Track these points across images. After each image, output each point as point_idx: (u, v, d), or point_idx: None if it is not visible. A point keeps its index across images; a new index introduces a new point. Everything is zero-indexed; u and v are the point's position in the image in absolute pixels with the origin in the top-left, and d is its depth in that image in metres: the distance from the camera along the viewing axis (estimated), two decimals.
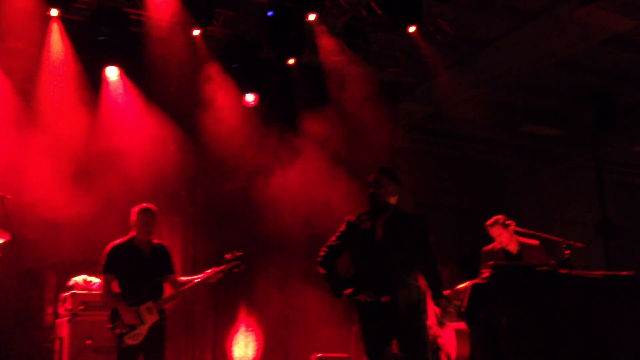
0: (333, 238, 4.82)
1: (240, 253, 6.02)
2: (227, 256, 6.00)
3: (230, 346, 8.74)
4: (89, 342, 6.46)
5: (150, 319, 5.63)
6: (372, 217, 4.69)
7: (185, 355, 8.27)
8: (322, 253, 4.80)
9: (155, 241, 5.96)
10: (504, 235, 6.72)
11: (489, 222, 6.84)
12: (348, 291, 4.60)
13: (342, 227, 4.81)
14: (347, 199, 9.10)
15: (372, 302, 4.49)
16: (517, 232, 6.81)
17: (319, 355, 8.16)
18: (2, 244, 6.46)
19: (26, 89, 7.80)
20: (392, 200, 4.71)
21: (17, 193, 6.92)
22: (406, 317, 4.47)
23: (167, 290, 5.89)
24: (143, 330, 5.59)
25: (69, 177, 7.77)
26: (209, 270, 5.93)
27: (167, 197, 8.37)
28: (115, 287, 5.81)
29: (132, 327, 5.56)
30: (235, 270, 5.98)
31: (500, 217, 6.82)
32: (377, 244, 4.59)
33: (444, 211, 11.81)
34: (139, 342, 5.57)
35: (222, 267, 5.93)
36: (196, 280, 5.88)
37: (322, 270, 4.76)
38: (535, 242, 6.76)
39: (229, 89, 8.83)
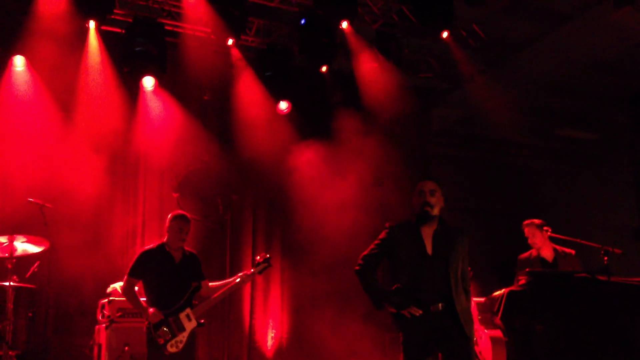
0: (372, 246, 4.59)
1: (268, 255, 6.16)
2: (257, 259, 6.15)
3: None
4: (126, 348, 6.55)
5: (190, 325, 5.70)
6: (418, 228, 4.50)
7: (221, 349, 8.34)
8: (360, 262, 4.57)
9: (187, 249, 6.03)
10: (538, 237, 6.66)
11: (526, 221, 6.78)
12: (392, 309, 4.39)
13: (383, 235, 4.58)
14: (379, 204, 9.12)
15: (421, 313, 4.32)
16: (553, 239, 6.74)
17: None
18: (41, 251, 6.60)
19: (65, 100, 7.95)
20: (439, 212, 4.53)
21: (56, 202, 7.07)
22: (462, 323, 4.32)
23: (198, 296, 5.95)
24: (184, 337, 5.66)
25: (107, 185, 7.92)
26: (240, 274, 6.03)
27: (202, 204, 8.47)
28: (139, 292, 5.89)
29: (174, 335, 5.62)
30: (264, 271, 6.11)
31: (537, 220, 6.76)
32: (428, 257, 4.42)
33: (478, 216, 11.71)
34: (179, 349, 5.62)
35: (252, 270, 6.03)
36: (229, 286, 5.95)
37: (361, 280, 4.56)
38: (571, 251, 6.69)
39: (263, 96, 8.91)
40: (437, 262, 4.42)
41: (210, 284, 6.01)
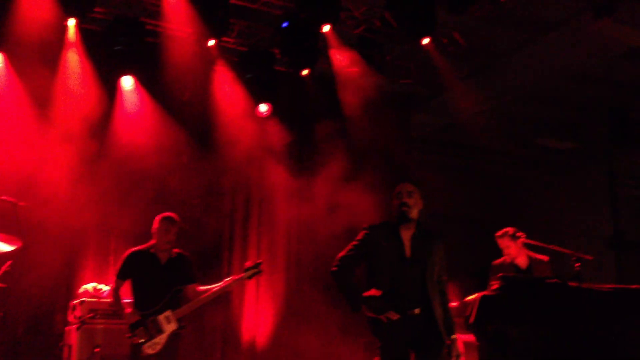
0: (350, 247, 4.54)
1: (261, 261, 6.07)
2: (247, 264, 6.01)
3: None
4: (97, 349, 6.48)
5: (169, 328, 5.65)
6: (397, 230, 4.49)
7: (195, 341, 8.28)
8: (337, 263, 4.49)
9: (175, 250, 5.97)
10: (512, 248, 6.72)
11: (498, 233, 6.86)
12: (370, 314, 4.35)
13: (360, 236, 4.54)
14: (358, 210, 9.11)
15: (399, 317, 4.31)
16: (527, 245, 6.78)
17: None
18: (13, 250, 6.52)
19: (42, 97, 7.88)
20: (417, 214, 4.54)
21: (30, 200, 6.97)
22: (440, 328, 4.35)
23: (187, 299, 5.89)
24: (162, 339, 5.60)
25: (83, 185, 7.84)
26: (228, 279, 5.93)
27: (179, 205, 8.41)
28: (125, 293, 5.85)
29: (151, 337, 5.57)
30: (254, 277, 6.00)
31: (509, 229, 6.80)
32: (407, 260, 4.42)
33: (458, 223, 11.75)
34: (157, 351, 5.58)
35: (242, 275, 5.94)
36: (215, 289, 5.87)
37: (337, 281, 4.48)
38: (544, 258, 6.73)
39: (243, 99, 8.89)
40: (414, 266, 4.40)
41: (200, 287, 5.93)
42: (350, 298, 4.44)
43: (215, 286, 5.91)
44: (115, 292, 5.83)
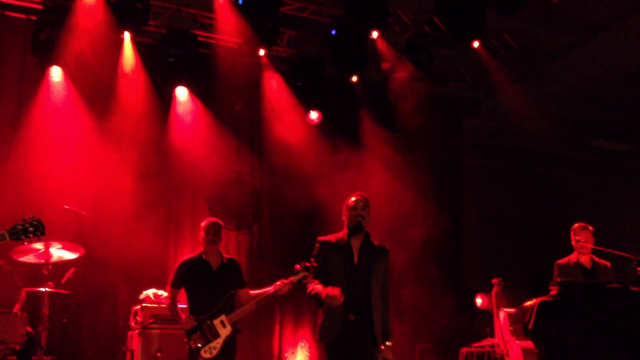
0: (313, 263, 4.94)
1: (309, 264, 6.05)
2: (297, 267, 6.02)
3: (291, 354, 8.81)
4: (158, 354, 6.62)
5: (224, 332, 5.76)
6: (347, 241, 4.85)
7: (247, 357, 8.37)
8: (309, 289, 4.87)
9: (226, 256, 6.11)
10: (590, 243, 6.46)
11: (582, 224, 6.57)
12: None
13: (315, 251, 4.94)
14: (410, 214, 9.10)
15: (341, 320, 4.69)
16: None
17: None
18: (77, 258, 6.72)
19: (100, 110, 8.10)
20: (366, 226, 4.90)
21: (92, 210, 7.21)
22: (375, 331, 4.70)
23: (240, 303, 5.99)
24: (218, 343, 5.71)
25: (140, 194, 8.02)
26: (278, 282, 5.96)
27: (233, 213, 8.54)
28: (182, 300, 5.99)
29: (208, 341, 5.69)
30: (305, 281, 6.01)
31: (591, 227, 6.59)
32: (355, 267, 4.78)
33: (511, 227, 11.63)
34: (213, 355, 5.68)
35: (291, 278, 5.93)
36: (266, 293, 5.96)
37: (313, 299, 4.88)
38: (607, 263, 6.57)
39: (294, 106, 8.99)
40: (361, 273, 4.77)
41: (251, 292, 6.05)
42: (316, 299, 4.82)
43: (266, 290, 5.99)
44: (171, 300, 5.98)
